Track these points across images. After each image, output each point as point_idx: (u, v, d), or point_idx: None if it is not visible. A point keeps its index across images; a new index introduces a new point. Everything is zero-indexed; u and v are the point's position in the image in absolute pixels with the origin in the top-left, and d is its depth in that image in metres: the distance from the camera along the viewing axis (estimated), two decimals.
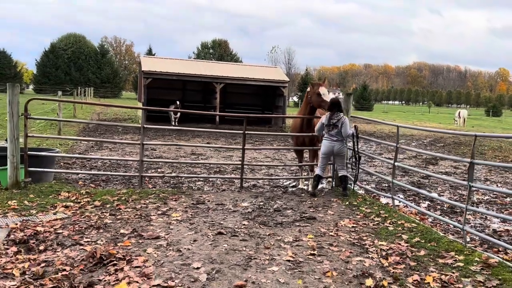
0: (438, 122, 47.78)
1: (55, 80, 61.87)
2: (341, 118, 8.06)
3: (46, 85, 59.12)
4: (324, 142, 8.23)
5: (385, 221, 6.63)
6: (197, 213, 6.66)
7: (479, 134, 5.55)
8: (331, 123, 8.07)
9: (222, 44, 73.29)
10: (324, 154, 8.24)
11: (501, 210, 8.22)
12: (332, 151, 8.16)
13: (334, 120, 8.05)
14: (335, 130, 8.06)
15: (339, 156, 8.22)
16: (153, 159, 11.70)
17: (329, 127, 8.11)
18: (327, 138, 8.17)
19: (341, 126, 7.97)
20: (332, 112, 8.09)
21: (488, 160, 15.59)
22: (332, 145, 8.10)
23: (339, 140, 8.10)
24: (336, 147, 8.09)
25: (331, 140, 8.11)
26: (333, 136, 8.10)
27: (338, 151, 8.13)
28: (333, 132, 8.08)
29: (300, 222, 6.45)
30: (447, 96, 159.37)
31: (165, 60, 24.85)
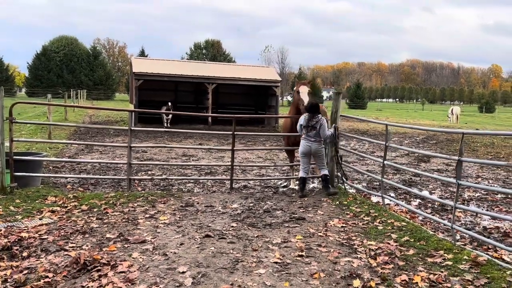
0: (432, 119, 47.89)
1: (48, 83, 61.52)
2: (320, 120, 8.13)
3: (39, 88, 58.76)
4: (301, 143, 8.31)
5: (375, 220, 6.59)
6: (186, 216, 6.60)
7: (466, 131, 5.52)
8: (309, 124, 8.15)
9: (215, 44, 73.15)
10: (302, 154, 8.30)
11: (491, 207, 8.21)
12: (310, 151, 8.22)
13: (313, 122, 8.13)
14: (314, 131, 8.14)
15: (317, 156, 8.27)
16: (142, 161, 11.63)
17: (308, 129, 8.18)
18: (304, 139, 8.24)
19: (320, 128, 8.06)
20: (311, 114, 8.14)
21: (480, 156, 15.63)
22: (309, 145, 8.17)
23: (316, 141, 8.17)
24: (313, 147, 8.16)
25: (308, 140, 8.18)
26: (311, 137, 8.17)
27: (315, 151, 8.20)
28: (311, 133, 8.16)
29: (289, 223, 6.40)
30: (440, 93, 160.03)
31: (156, 61, 24.73)
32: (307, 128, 8.17)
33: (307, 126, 8.16)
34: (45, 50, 65.05)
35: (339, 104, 8.67)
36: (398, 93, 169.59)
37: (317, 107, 8.18)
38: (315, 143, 8.15)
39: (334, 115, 8.68)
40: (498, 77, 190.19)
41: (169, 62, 24.88)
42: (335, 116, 8.67)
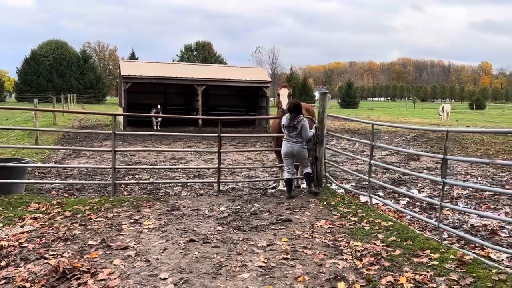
0: (423, 117, 48.08)
1: (37, 87, 61.02)
2: (301, 121, 8.04)
3: (28, 93, 58.25)
4: (284, 143, 8.23)
5: (362, 221, 6.54)
6: (171, 220, 6.51)
7: (450, 129, 5.49)
8: (291, 125, 8.08)
9: (205, 46, 72.99)
10: (285, 155, 8.23)
11: (479, 205, 8.19)
12: (292, 153, 8.15)
13: (294, 122, 8.05)
14: (295, 132, 8.06)
15: (299, 157, 8.21)
16: (128, 165, 11.52)
17: (289, 129, 8.11)
18: (286, 140, 8.18)
19: (301, 129, 7.99)
20: (293, 114, 8.07)
21: (470, 153, 15.66)
22: (291, 146, 8.11)
23: (298, 142, 8.09)
24: (295, 148, 8.10)
25: (290, 141, 8.12)
26: (292, 137, 8.11)
27: (297, 152, 8.13)
28: (292, 134, 8.09)
29: (276, 225, 6.33)
30: (431, 91, 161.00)
31: (145, 64, 24.58)
32: (288, 128, 8.10)
33: (288, 126, 8.09)
34: (34, 54, 64.52)
35: (326, 104, 8.62)
36: (390, 92, 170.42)
37: (298, 107, 8.09)
38: (297, 144, 8.07)
39: (321, 115, 8.63)
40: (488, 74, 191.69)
41: (158, 64, 24.73)
42: (322, 116, 8.62)
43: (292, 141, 8.12)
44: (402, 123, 35.52)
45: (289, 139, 8.15)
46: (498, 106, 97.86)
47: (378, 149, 16.63)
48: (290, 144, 8.13)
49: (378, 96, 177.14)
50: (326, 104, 8.64)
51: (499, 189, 8.88)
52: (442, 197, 5.65)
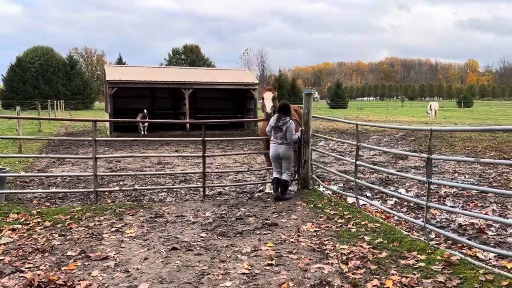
0: (411, 115, 48.31)
1: (24, 94, 60.21)
2: (287, 123, 7.98)
3: (15, 100, 57.46)
4: (270, 145, 8.18)
5: (349, 223, 6.44)
6: (154, 228, 6.36)
7: (434, 128, 5.41)
8: (277, 125, 8.02)
9: (193, 49, 72.72)
10: (272, 157, 8.19)
11: (467, 203, 8.14)
12: (278, 154, 8.08)
13: (280, 124, 7.99)
14: (280, 133, 8.00)
15: (284, 159, 8.12)
16: (111, 172, 11.33)
17: (275, 130, 8.06)
18: (273, 141, 8.12)
19: (286, 131, 7.91)
20: (279, 115, 8.00)
21: (458, 151, 15.68)
22: (277, 147, 8.05)
23: (284, 144, 8.02)
24: (281, 150, 8.03)
25: (276, 143, 8.07)
26: (277, 139, 8.05)
27: (283, 154, 8.06)
28: (278, 135, 8.03)
29: (261, 230, 6.21)
30: (420, 90, 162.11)
31: (131, 68, 24.34)
32: (275, 129, 8.05)
33: (274, 127, 8.04)
34: (19, 61, 63.71)
35: (310, 105, 8.52)
36: (379, 91, 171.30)
37: (286, 108, 8.02)
38: (282, 146, 8.01)
39: (306, 116, 8.53)
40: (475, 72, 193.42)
41: (144, 68, 24.51)
42: (307, 118, 8.52)
43: (278, 142, 8.06)
44: (390, 122, 35.62)
45: (275, 141, 8.09)
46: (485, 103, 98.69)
47: (366, 149, 16.61)
48: (276, 146, 8.07)
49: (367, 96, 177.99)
50: (311, 105, 8.54)
51: (484, 188, 8.86)
52: (428, 197, 5.56)
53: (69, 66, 66.84)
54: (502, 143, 17.42)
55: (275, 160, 8.20)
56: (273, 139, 8.12)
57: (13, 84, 61.43)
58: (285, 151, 8.04)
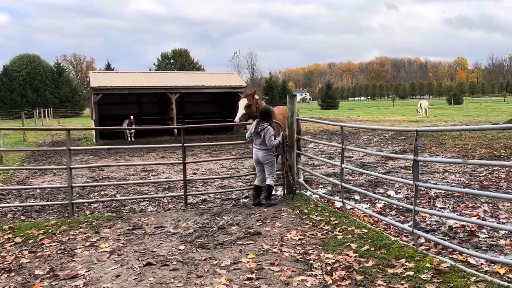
0: (402, 114, 48.31)
1: (11, 103, 59.43)
2: (265, 128, 7.83)
3: (2, 110, 56.74)
4: (253, 151, 8.08)
5: (335, 229, 6.17)
6: (130, 241, 6.05)
7: (419, 129, 5.15)
8: (256, 131, 7.91)
9: (182, 53, 72.34)
10: (254, 162, 8.10)
11: (457, 203, 7.90)
12: (258, 160, 7.95)
13: (258, 129, 7.88)
14: (259, 139, 7.88)
15: (265, 164, 7.96)
16: (93, 181, 10.98)
17: (255, 135, 7.95)
18: (254, 147, 8.02)
19: (264, 136, 7.77)
20: (259, 120, 7.93)
21: (448, 149, 15.50)
22: (256, 153, 7.94)
23: (263, 149, 7.88)
24: (259, 155, 7.90)
25: (256, 148, 7.96)
26: (257, 144, 7.93)
27: (263, 159, 7.91)
28: (257, 140, 7.92)
29: (243, 240, 5.92)
30: (410, 88, 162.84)
31: (115, 74, 24.00)
32: (255, 134, 7.95)
33: (255, 132, 7.95)
34: (6, 70, 62.92)
35: (294, 107, 8.26)
36: (370, 91, 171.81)
37: (266, 114, 7.94)
38: (260, 151, 7.89)
39: (290, 119, 8.27)
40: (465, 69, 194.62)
41: (129, 74, 24.14)
42: (291, 120, 8.26)
43: (257, 148, 7.96)
44: (381, 121, 35.53)
45: (255, 146, 8.00)
46: (475, 100, 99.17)
47: None
48: (256, 151, 7.98)
49: (358, 96, 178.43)
50: (295, 107, 8.28)
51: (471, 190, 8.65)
52: (415, 201, 5.31)
53: (56, 74, 66.14)
54: (493, 140, 17.27)
55: (257, 164, 8.10)
56: (254, 144, 8.04)
57: (0, 94, 60.64)
58: (264, 156, 7.90)
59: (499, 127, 5.04)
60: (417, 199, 5.34)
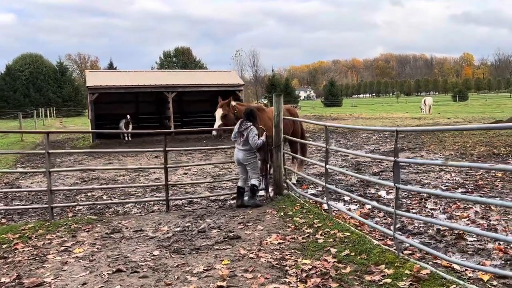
0: (405, 111, 47.92)
1: (14, 103, 59.48)
2: (248, 127, 7.68)
3: (5, 109, 56.84)
4: (235, 151, 7.94)
5: (317, 232, 5.96)
6: (106, 246, 5.87)
7: (399, 129, 4.94)
8: (239, 131, 7.77)
9: (185, 51, 72.14)
10: (236, 163, 7.99)
11: (449, 205, 7.67)
12: (239, 160, 7.80)
13: (241, 129, 7.74)
14: (242, 138, 7.73)
15: (247, 165, 7.80)
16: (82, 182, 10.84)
17: (239, 135, 7.80)
18: (236, 147, 7.88)
19: (247, 135, 7.61)
20: (242, 120, 7.79)
21: (447, 147, 15.23)
22: (238, 152, 7.80)
23: (245, 150, 7.72)
24: (241, 155, 7.75)
25: (238, 149, 7.81)
26: (239, 144, 7.78)
27: (244, 160, 7.76)
28: (240, 140, 7.77)
29: (221, 244, 5.73)
30: (415, 85, 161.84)
31: (112, 73, 23.91)
32: (238, 134, 7.79)
33: (238, 132, 7.80)
34: (9, 69, 63.03)
35: (280, 106, 8.05)
36: (374, 88, 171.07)
37: (250, 115, 7.79)
38: (242, 152, 7.73)
39: (276, 118, 8.06)
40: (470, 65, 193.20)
41: (126, 73, 23.98)
42: (277, 119, 8.05)
43: (239, 148, 7.80)
44: (384, 118, 35.20)
45: (237, 146, 7.86)
46: (480, 96, 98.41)
47: (351, 148, 16.17)
48: (237, 152, 7.85)
49: (362, 93, 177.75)
50: (281, 107, 8.07)
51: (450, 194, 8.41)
52: (396, 204, 5.09)
53: (59, 73, 66.17)
54: (494, 137, 16.97)
55: (239, 165, 7.99)
56: (236, 144, 7.90)
57: (3, 93, 60.75)
58: (245, 156, 7.75)
59: (486, 126, 4.80)
60: (398, 201, 5.12)
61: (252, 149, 7.68)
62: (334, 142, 18.31)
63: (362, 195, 8.54)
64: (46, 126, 36.70)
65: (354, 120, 33.76)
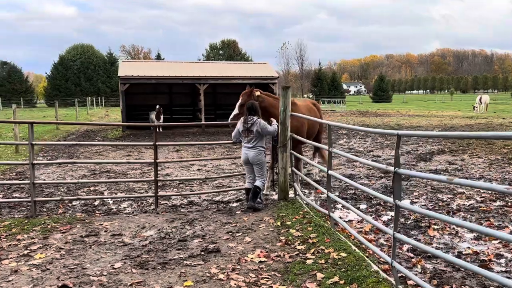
0: (457, 109, 45.17)
1: (66, 92, 61.67)
2: (255, 122, 6.97)
3: (57, 98, 58.93)
4: (242, 151, 7.20)
5: (309, 250, 5.07)
6: (71, 252, 5.27)
7: (401, 132, 3.95)
8: (245, 127, 7.02)
9: (231, 44, 71.88)
10: (243, 163, 7.24)
11: (479, 220, 6.52)
12: (248, 159, 7.07)
13: (248, 124, 7.00)
14: (251, 135, 6.99)
15: (255, 164, 7.06)
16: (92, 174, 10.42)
17: (245, 133, 7.06)
18: (243, 146, 7.13)
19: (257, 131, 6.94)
20: (245, 116, 7.04)
21: (494, 150, 13.69)
22: (247, 152, 7.06)
23: (254, 147, 7.01)
24: (251, 154, 7.01)
25: (246, 147, 7.08)
26: (248, 142, 7.04)
27: (253, 159, 7.02)
28: (248, 137, 7.03)
29: (194, 259, 4.97)
30: (473, 82, 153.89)
31: (145, 64, 23.60)
32: (244, 132, 7.06)
33: (244, 130, 7.05)
34: (62, 59, 65.31)
35: (288, 101, 7.15)
36: (429, 84, 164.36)
37: (252, 109, 7.02)
38: (252, 150, 7.00)
39: (282, 115, 7.18)
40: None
41: (159, 63, 23.70)
42: (284, 116, 7.17)
43: (248, 146, 7.06)
44: (433, 116, 33.22)
45: (245, 145, 7.11)
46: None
47: (387, 148, 14.94)
48: (246, 151, 7.09)
49: (416, 89, 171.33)
50: (289, 101, 7.18)
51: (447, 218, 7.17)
52: (396, 225, 4.12)
53: (109, 64, 67.84)
54: None
55: (246, 165, 7.23)
56: (243, 143, 7.14)
57: (55, 82, 63.08)
58: (255, 156, 7.02)
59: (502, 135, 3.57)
60: (398, 222, 4.15)
61: (263, 147, 7.08)
62: (357, 141, 17.08)
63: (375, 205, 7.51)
64: (90, 115, 37.41)
65: (399, 117, 32.00)
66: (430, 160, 12.41)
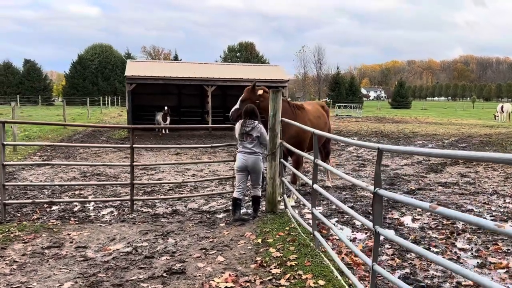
0: (478, 118, 43.80)
1: (83, 91, 62.13)
2: (256, 126, 6.49)
3: (75, 96, 59.44)
4: (237, 156, 6.65)
5: (284, 276, 4.48)
6: (23, 267, 4.79)
7: (381, 147, 3.35)
8: (244, 131, 6.50)
9: (248, 46, 71.50)
10: (238, 169, 6.63)
11: (486, 244, 5.82)
12: (246, 167, 6.54)
13: (247, 128, 6.48)
14: (249, 139, 6.48)
15: (253, 172, 6.57)
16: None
17: (243, 137, 6.53)
18: (240, 151, 6.59)
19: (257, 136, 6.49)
20: (245, 119, 6.55)
21: None
22: (245, 158, 6.52)
23: (254, 153, 6.50)
24: (250, 160, 6.50)
25: (244, 153, 6.53)
26: (247, 148, 6.51)
27: (252, 165, 6.51)
28: (247, 142, 6.51)
29: (152, 281, 4.43)
30: (496, 90, 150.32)
31: (153, 64, 23.27)
32: (242, 136, 6.54)
33: (241, 134, 6.53)
34: (80, 58, 65.87)
35: (278, 105, 6.58)
36: (450, 91, 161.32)
37: (252, 113, 6.57)
38: (252, 156, 6.50)
39: (272, 120, 6.60)
40: None
41: (168, 64, 23.34)
42: (273, 121, 6.60)
43: (246, 152, 6.53)
44: (452, 124, 32.12)
45: (243, 150, 6.57)
46: None
47: (397, 157, 14.19)
48: (243, 157, 6.55)
49: (437, 96, 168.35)
50: (279, 106, 6.60)
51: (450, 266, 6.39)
52: (375, 254, 3.51)
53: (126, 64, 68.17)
54: None
55: (240, 171, 6.64)
56: (240, 149, 6.61)
57: (74, 81, 63.64)
58: (255, 162, 6.54)
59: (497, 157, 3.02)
60: (377, 251, 3.53)
61: (261, 152, 6.62)
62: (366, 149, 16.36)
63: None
64: (103, 114, 37.39)
65: (416, 125, 31.02)
66: (441, 171, 11.67)
